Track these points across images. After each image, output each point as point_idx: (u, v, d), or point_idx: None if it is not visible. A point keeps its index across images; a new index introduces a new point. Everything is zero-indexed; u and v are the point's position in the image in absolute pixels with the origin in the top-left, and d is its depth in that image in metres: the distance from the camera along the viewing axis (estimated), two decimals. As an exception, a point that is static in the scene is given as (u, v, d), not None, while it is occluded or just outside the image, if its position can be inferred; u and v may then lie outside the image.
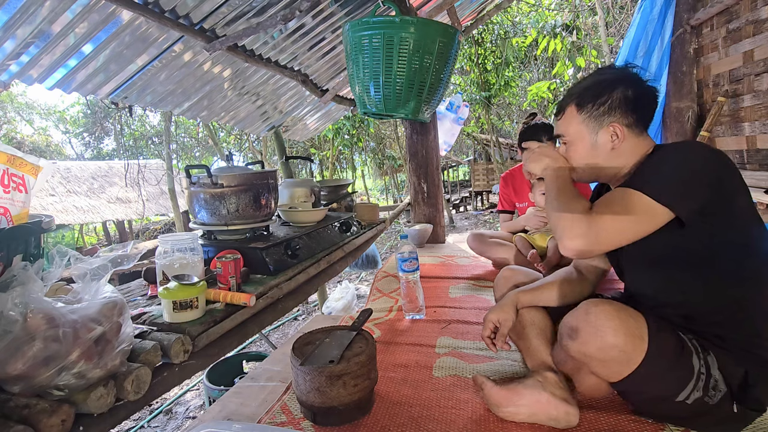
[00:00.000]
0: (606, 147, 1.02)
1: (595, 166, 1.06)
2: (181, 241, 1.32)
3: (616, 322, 0.88)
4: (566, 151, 1.10)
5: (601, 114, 1.01)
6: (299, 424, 1.09)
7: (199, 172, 1.63)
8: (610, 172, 1.05)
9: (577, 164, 1.09)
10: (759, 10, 2.22)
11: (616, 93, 1.00)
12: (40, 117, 14.67)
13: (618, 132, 1.00)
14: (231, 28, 2.03)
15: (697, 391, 0.88)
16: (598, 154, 1.04)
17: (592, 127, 1.02)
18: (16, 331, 0.79)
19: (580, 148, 1.06)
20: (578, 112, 1.04)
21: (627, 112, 0.99)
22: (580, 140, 1.05)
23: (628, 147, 1.01)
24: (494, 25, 8.27)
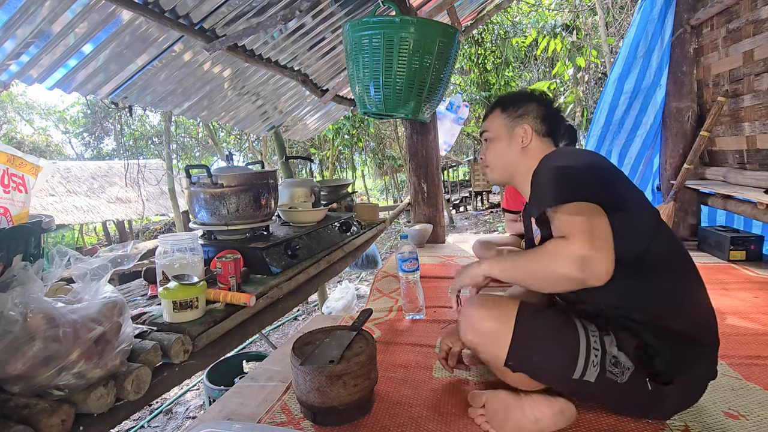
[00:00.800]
0: (517, 145, 1.22)
1: (508, 163, 1.24)
2: (181, 241, 1.32)
3: (482, 311, 1.03)
4: (487, 147, 1.28)
5: (518, 116, 1.23)
6: (299, 424, 1.09)
7: (199, 172, 1.63)
8: (521, 169, 1.21)
9: (493, 160, 1.26)
10: (759, 10, 2.22)
11: (532, 104, 1.23)
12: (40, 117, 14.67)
13: (528, 131, 1.20)
14: (231, 28, 2.03)
15: (594, 368, 0.94)
16: (511, 152, 1.22)
17: (510, 126, 1.23)
18: (16, 331, 0.79)
19: (498, 145, 1.25)
20: (501, 113, 1.26)
21: (538, 119, 1.22)
22: (498, 137, 1.25)
23: (535, 148, 1.20)
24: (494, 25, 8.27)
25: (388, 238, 8.68)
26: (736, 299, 1.76)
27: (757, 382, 1.16)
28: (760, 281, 1.96)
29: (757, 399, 1.09)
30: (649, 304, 0.98)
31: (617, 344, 0.96)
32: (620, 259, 0.91)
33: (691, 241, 2.75)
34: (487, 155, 1.28)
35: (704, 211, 2.92)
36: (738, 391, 1.12)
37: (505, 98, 1.29)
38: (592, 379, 0.94)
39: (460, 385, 1.23)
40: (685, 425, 1.00)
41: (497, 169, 1.27)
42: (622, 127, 3.30)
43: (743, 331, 1.47)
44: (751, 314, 1.60)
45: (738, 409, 1.05)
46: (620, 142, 3.36)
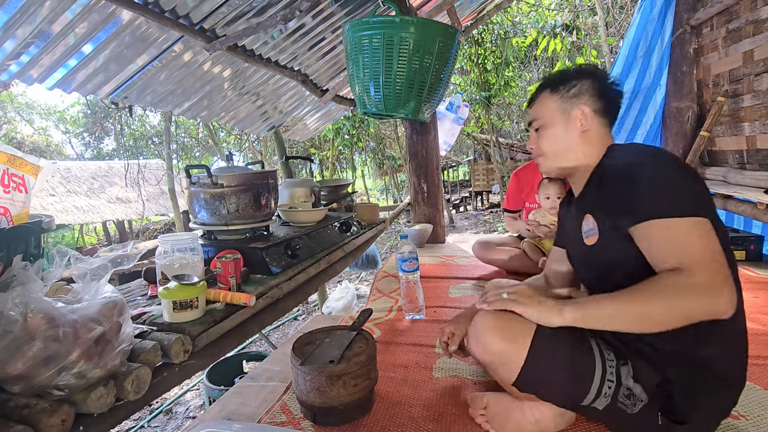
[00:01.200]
0: (575, 130, 1.06)
1: (567, 151, 1.08)
2: (181, 241, 1.32)
3: (494, 329, 0.95)
4: (539, 137, 1.12)
5: (572, 96, 1.07)
6: (299, 424, 1.09)
7: (199, 172, 1.63)
8: (579, 159, 1.07)
9: (549, 147, 1.10)
10: (759, 10, 2.22)
11: (586, 81, 1.08)
12: (40, 117, 14.68)
13: (587, 113, 1.05)
14: (231, 28, 2.03)
15: (605, 398, 0.89)
16: (569, 138, 1.07)
17: (564, 109, 1.08)
18: (16, 331, 0.79)
19: (553, 131, 1.09)
20: (551, 94, 1.10)
21: (595, 97, 1.06)
22: (553, 122, 1.09)
23: (595, 133, 1.06)
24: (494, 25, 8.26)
25: (388, 238, 8.68)
26: (736, 299, 1.75)
27: (757, 382, 1.16)
28: (760, 281, 1.96)
29: (757, 399, 1.09)
30: (682, 330, 0.82)
31: (634, 375, 0.89)
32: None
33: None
34: (541, 143, 1.11)
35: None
36: (738, 391, 1.12)
37: (554, 77, 1.12)
38: (600, 407, 0.90)
39: (460, 385, 1.23)
40: (685, 425, 1.00)
41: (555, 157, 1.10)
42: (622, 127, 3.30)
43: (743, 331, 1.47)
44: (751, 314, 1.60)
45: (738, 409, 1.05)
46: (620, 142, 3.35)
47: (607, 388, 0.89)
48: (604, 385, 0.89)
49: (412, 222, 3.26)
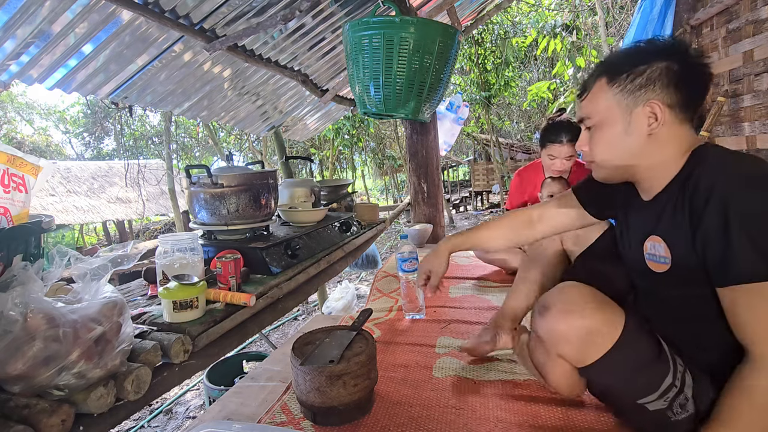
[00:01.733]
0: (641, 132, 0.82)
1: (628, 158, 0.86)
2: (181, 241, 1.32)
3: (591, 303, 0.86)
4: (591, 139, 0.90)
5: (638, 88, 0.81)
6: (299, 424, 1.09)
7: (199, 172, 1.63)
8: (647, 168, 0.86)
9: (604, 155, 0.89)
10: (759, 10, 2.22)
11: (658, 63, 0.80)
12: (40, 117, 14.67)
13: (658, 112, 0.80)
14: (231, 28, 2.03)
15: (663, 402, 0.84)
16: (632, 142, 0.84)
17: (626, 105, 0.83)
18: (16, 331, 0.79)
19: (608, 133, 0.86)
20: (609, 85, 0.85)
21: (670, 88, 0.80)
22: (609, 122, 0.86)
23: (668, 135, 0.82)
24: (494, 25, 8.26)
25: (388, 238, 8.68)
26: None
27: (757, 382, 1.16)
28: (760, 281, 1.95)
29: (757, 399, 1.09)
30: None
31: (693, 388, 0.83)
32: None
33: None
34: (593, 147, 0.90)
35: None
36: (738, 391, 1.12)
37: (615, 61, 0.87)
38: (651, 408, 0.84)
39: (460, 385, 1.23)
40: (685, 425, 1.00)
41: (609, 167, 0.90)
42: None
43: (743, 331, 1.47)
44: (751, 314, 1.60)
45: (738, 409, 1.05)
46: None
47: (671, 393, 0.83)
48: (669, 391, 0.83)
49: (412, 222, 3.26)
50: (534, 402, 1.12)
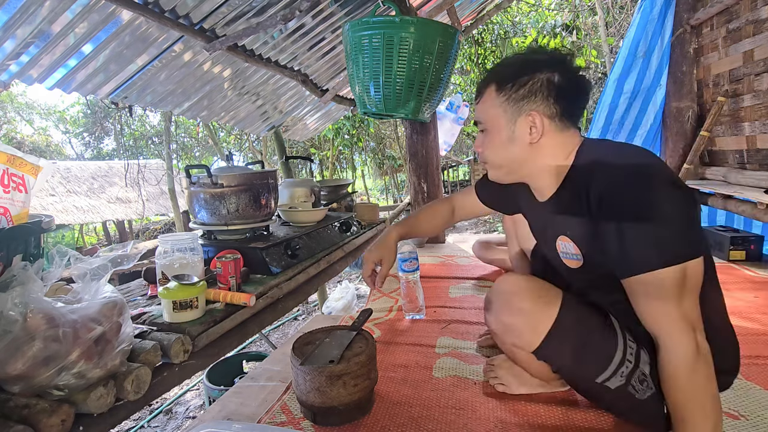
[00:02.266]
0: (524, 140, 0.89)
1: (513, 163, 0.93)
2: (181, 241, 1.33)
3: (523, 289, 0.91)
4: (483, 139, 0.97)
5: (521, 98, 0.88)
6: (299, 424, 1.09)
7: (199, 172, 1.63)
8: (533, 171, 0.94)
9: (492, 159, 0.96)
10: (759, 10, 2.22)
11: (540, 75, 0.87)
12: (40, 117, 14.67)
13: (538, 122, 0.87)
14: (231, 28, 2.03)
15: (620, 378, 0.87)
16: (515, 149, 0.91)
17: (510, 114, 0.89)
18: (16, 331, 0.79)
19: (496, 139, 0.93)
20: (497, 93, 0.91)
21: (550, 100, 0.87)
22: (497, 128, 0.92)
23: (549, 143, 0.89)
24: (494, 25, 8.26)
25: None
26: (736, 299, 1.75)
27: (757, 382, 1.16)
28: (760, 281, 1.96)
29: (757, 399, 1.09)
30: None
31: (650, 363, 0.87)
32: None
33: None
34: (485, 149, 0.97)
35: (704, 210, 2.92)
36: (738, 391, 1.12)
37: (502, 70, 0.92)
38: (612, 386, 0.88)
39: (460, 385, 1.23)
40: (685, 425, 1.00)
41: (498, 168, 0.98)
42: (622, 127, 3.30)
43: (743, 330, 1.47)
44: (751, 314, 1.60)
45: (738, 409, 1.05)
46: (620, 142, 3.35)
47: (625, 368, 0.86)
48: (624, 365, 0.86)
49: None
50: (534, 402, 1.12)
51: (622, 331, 0.89)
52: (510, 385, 1.14)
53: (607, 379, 0.88)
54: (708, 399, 0.77)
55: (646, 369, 0.87)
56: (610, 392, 0.89)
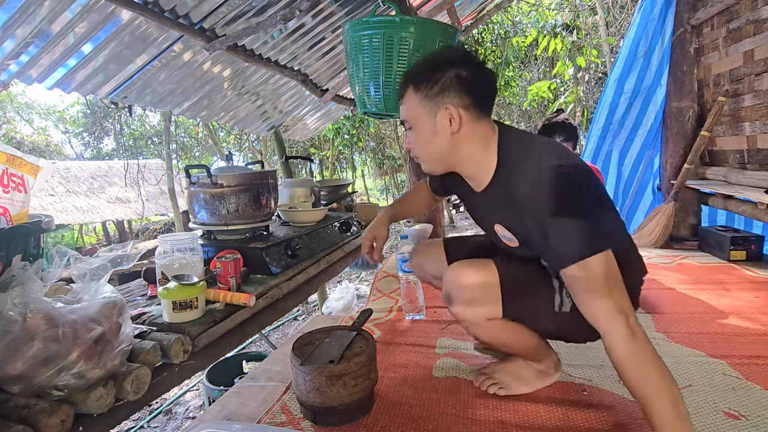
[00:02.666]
0: (446, 132, 0.98)
1: (441, 153, 1.02)
2: (180, 241, 1.32)
3: (467, 268, 1.04)
4: (412, 136, 1.05)
5: (436, 94, 0.96)
6: (299, 424, 1.09)
7: (198, 172, 1.63)
8: (462, 161, 1.02)
9: (423, 153, 1.05)
10: (759, 10, 2.21)
11: (450, 72, 0.96)
12: (39, 117, 14.66)
13: (454, 114, 0.96)
14: (231, 28, 2.03)
15: (567, 298, 0.99)
16: (440, 141, 0.99)
17: (430, 110, 0.98)
18: (15, 331, 0.79)
19: (422, 134, 1.01)
20: (415, 92, 1.00)
21: (462, 93, 0.95)
22: (420, 125, 1.01)
23: (468, 132, 0.98)
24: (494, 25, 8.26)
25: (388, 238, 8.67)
26: (737, 299, 1.75)
27: (758, 382, 1.16)
28: (760, 281, 1.95)
29: (757, 399, 1.09)
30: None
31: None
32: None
33: (691, 241, 2.75)
34: (415, 145, 1.05)
35: (705, 211, 2.92)
36: (738, 391, 1.12)
37: (416, 71, 1.01)
38: (568, 309, 0.99)
39: (460, 385, 1.23)
40: (685, 425, 1.00)
41: (430, 162, 1.06)
42: (623, 127, 3.30)
43: (744, 331, 1.47)
44: (752, 314, 1.60)
45: (738, 409, 1.05)
46: (620, 142, 3.36)
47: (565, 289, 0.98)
48: (563, 286, 0.98)
49: (412, 222, 3.25)
50: (534, 402, 1.12)
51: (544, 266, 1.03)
52: (509, 386, 1.15)
53: (561, 303, 1.00)
54: (656, 376, 0.84)
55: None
56: (569, 316, 0.99)
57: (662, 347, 1.38)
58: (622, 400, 1.11)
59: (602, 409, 1.07)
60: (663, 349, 1.36)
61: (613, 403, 1.09)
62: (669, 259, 2.41)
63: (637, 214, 3.38)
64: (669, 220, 2.70)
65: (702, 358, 1.30)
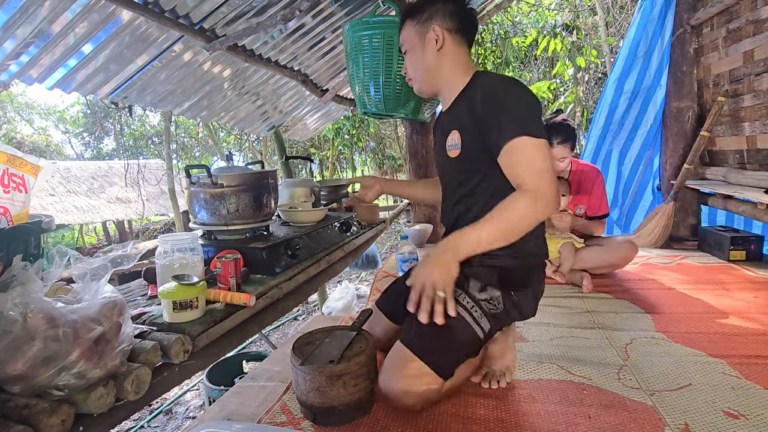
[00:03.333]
0: (433, 50, 1.19)
1: (428, 70, 1.21)
2: (181, 241, 1.32)
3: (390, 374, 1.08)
4: (407, 61, 1.26)
5: (426, 19, 1.19)
6: (299, 424, 1.09)
7: (199, 172, 1.63)
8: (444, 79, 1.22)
9: (415, 71, 1.24)
10: (759, 10, 2.22)
11: (438, 3, 1.20)
12: (39, 117, 14.66)
13: (439, 33, 1.17)
14: (231, 28, 2.03)
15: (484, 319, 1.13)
16: (428, 59, 1.20)
17: (421, 33, 1.20)
18: (16, 331, 0.79)
19: (414, 55, 1.23)
20: (410, 21, 1.23)
21: (446, 17, 1.19)
22: (413, 47, 1.22)
23: (451, 53, 1.19)
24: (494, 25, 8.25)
25: (388, 238, 8.67)
26: (736, 299, 1.76)
27: (758, 382, 1.16)
28: (760, 281, 1.96)
29: (757, 398, 1.09)
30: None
31: (481, 284, 1.14)
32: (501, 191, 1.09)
33: (691, 241, 2.75)
34: (408, 68, 1.27)
35: (704, 211, 2.92)
36: (738, 391, 1.12)
37: (410, 6, 1.25)
38: (487, 327, 1.12)
39: (460, 385, 1.23)
40: (685, 424, 1.00)
41: (420, 80, 1.25)
42: (622, 127, 3.30)
43: (743, 330, 1.47)
44: (751, 314, 1.60)
45: (738, 409, 1.05)
46: (620, 142, 3.36)
47: (476, 313, 1.11)
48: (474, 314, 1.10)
49: (412, 222, 3.25)
50: (534, 402, 1.12)
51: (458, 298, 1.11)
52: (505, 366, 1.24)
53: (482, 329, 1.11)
54: (514, 221, 1.03)
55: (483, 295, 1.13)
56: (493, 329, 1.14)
57: (662, 347, 1.38)
58: (621, 399, 1.11)
59: (602, 408, 1.07)
60: (663, 349, 1.37)
61: (612, 402, 1.09)
62: (669, 259, 2.41)
63: (636, 214, 3.38)
64: (669, 220, 2.70)
65: (702, 357, 1.30)
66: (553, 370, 1.28)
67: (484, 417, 1.07)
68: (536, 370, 1.28)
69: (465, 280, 1.14)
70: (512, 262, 1.17)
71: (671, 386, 1.16)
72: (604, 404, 1.09)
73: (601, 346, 1.41)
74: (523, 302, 1.19)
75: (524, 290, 1.18)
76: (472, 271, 1.15)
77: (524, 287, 1.19)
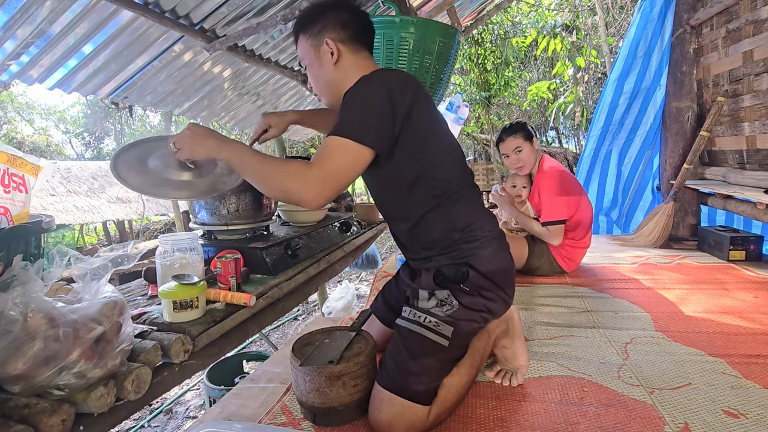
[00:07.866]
0: (329, 63, 1.13)
1: (329, 84, 1.17)
2: (181, 241, 1.32)
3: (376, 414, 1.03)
4: (309, 74, 1.21)
5: (318, 32, 1.13)
6: (299, 424, 1.09)
7: (199, 172, 1.62)
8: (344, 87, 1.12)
9: (318, 86, 1.20)
10: (759, 10, 2.22)
11: (329, 14, 1.13)
12: (40, 117, 14.65)
13: (333, 47, 1.12)
14: (231, 28, 2.03)
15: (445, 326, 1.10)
16: (326, 72, 1.15)
17: (315, 47, 1.14)
18: (16, 331, 0.79)
19: (313, 70, 1.18)
20: (303, 35, 1.16)
21: (338, 28, 1.12)
22: (310, 61, 1.17)
23: (348, 63, 1.14)
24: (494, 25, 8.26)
25: (388, 238, 8.67)
26: (736, 299, 1.76)
27: (757, 381, 1.16)
28: (759, 281, 1.96)
29: (756, 398, 1.09)
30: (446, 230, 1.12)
31: (428, 291, 1.11)
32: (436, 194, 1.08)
33: (690, 241, 2.75)
34: (312, 83, 1.22)
35: (704, 211, 2.93)
36: (738, 390, 1.13)
37: (303, 19, 1.18)
38: (449, 331, 1.06)
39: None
40: (684, 423, 1.00)
41: (325, 94, 1.21)
42: (622, 127, 3.30)
43: (743, 330, 1.47)
44: (751, 314, 1.60)
45: (737, 408, 1.05)
46: (620, 142, 3.36)
47: (434, 326, 1.06)
48: (430, 326, 1.06)
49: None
50: (534, 402, 1.12)
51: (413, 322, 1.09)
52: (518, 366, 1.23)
53: (447, 338, 1.06)
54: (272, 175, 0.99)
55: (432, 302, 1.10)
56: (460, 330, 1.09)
57: (662, 346, 1.38)
58: (621, 398, 1.11)
59: (601, 407, 1.07)
60: (663, 348, 1.37)
61: (612, 401, 1.09)
62: (668, 259, 2.41)
63: (636, 214, 3.38)
64: (668, 220, 2.70)
65: (701, 357, 1.30)
66: (553, 369, 1.28)
67: (484, 416, 1.07)
68: (536, 369, 1.28)
69: (412, 298, 1.14)
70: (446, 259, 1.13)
71: (671, 385, 1.16)
72: (604, 403, 1.09)
73: (600, 346, 1.41)
74: (479, 287, 1.11)
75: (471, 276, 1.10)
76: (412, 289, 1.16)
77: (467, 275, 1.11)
